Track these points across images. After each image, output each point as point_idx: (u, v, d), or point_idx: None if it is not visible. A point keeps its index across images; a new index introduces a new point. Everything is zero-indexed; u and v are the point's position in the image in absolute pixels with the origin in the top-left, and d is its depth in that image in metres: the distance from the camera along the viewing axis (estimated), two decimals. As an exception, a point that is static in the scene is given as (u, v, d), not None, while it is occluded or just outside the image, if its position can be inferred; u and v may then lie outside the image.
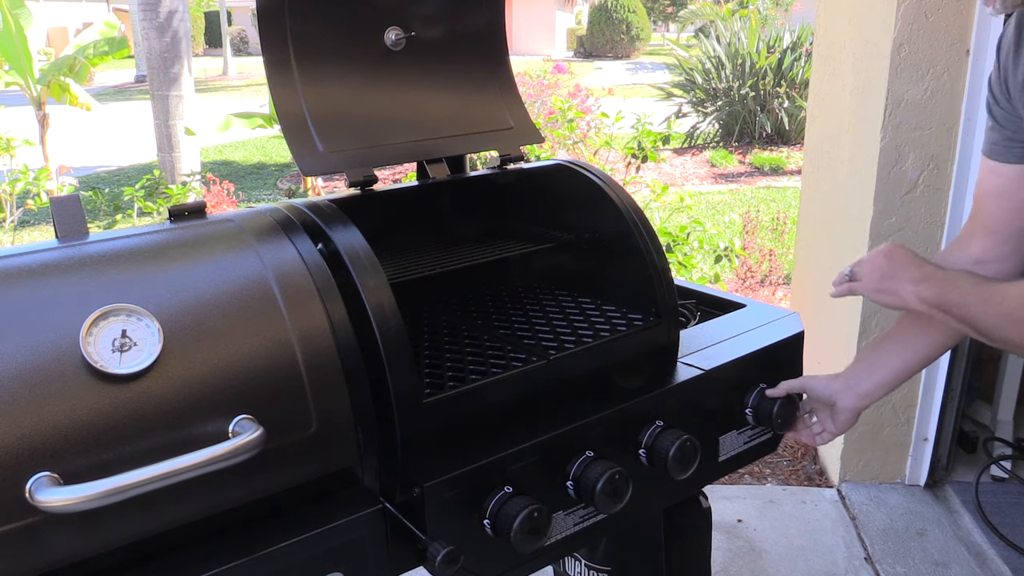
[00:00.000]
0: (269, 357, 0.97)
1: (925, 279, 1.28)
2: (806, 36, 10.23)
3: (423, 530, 1.03)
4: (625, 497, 1.18)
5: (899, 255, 1.33)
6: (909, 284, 1.29)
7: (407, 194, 1.56)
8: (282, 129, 1.36)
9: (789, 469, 3.16)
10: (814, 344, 1.71)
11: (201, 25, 32.42)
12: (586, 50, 29.04)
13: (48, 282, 0.93)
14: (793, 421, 1.47)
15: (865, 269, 1.36)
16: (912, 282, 1.29)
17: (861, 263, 1.38)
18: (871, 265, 1.35)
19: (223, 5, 27.68)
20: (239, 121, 8.97)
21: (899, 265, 1.32)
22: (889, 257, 1.34)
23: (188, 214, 1.13)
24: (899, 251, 1.34)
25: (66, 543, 0.85)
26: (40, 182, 7.20)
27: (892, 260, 1.33)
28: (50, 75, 9.15)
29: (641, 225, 1.37)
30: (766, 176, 9.11)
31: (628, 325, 1.37)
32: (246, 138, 12.74)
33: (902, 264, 1.32)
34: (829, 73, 3.23)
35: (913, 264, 1.32)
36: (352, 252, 1.09)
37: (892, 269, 1.32)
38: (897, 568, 2.53)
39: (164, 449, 0.88)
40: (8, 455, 0.81)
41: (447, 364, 1.27)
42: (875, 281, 1.34)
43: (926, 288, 1.27)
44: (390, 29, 1.46)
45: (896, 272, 1.32)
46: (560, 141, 7.20)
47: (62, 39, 23.70)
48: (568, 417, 1.20)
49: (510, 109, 1.63)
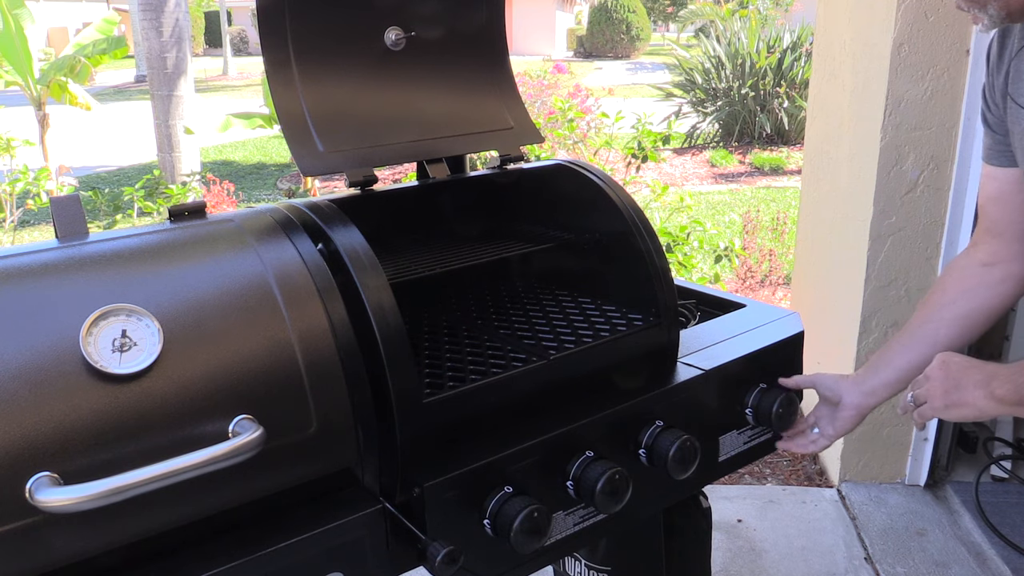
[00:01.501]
0: (269, 357, 0.97)
1: (993, 378, 1.23)
2: (806, 36, 10.23)
3: (423, 530, 1.03)
4: (625, 497, 1.18)
5: (955, 364, 1.28)
6: (978, 390, 1.23)
7: (407, 194, 1.56)
8: (282, 129, 1.36)
9: (789, 469, 3.16)
10: (814, 344, 1.71)
11: (201, 25, 32.43)
12: (586, 50, 29.05)
13: (48, 282, 0.93)
14: (793, 421, 1.47)
15: (927, 390, 1.30)
16: (980, 386, 1.23)
17: (919, 384, 1.32)
18: (932, 384, 1.29)
19: (223, 5, 27.68)
20: (239, 121, 8.98)
21: (960, 374, 1.27)
22: (946, 368, 1.28)
23: (188, 214, 1.13)
24: (953, 360, 1.29)
25: (66, 543, 0.85)
26: (40, 182, 7.20)
27: (949, 371, 1.28)
28: (50, 75, 9.15)
29: (641, 225, 1.37)
30: (766, 176, 9.11)
31: (628, 325, 1.37)
32: (246, 138, 12.74)
33: (963, 371, 1.27)
34: (829, 73, 3.23)
35: (974, 367, 1.27)
36: (352, 252, 1.09)
37: (954, 381, 1.26)
38: (897, 568, 2.53)
39: (164, 449, 0.88)
40: (8, 455, 0.81)
41: (447, 364, 1.27)
42: (941, 398, 1.27)
43: (998, 386, 1.21)
44: (390, 29, 1.46)
45: (960, 382, 1.26)
46: (560, 141, 7.20)
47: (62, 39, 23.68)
48: (568, 417, 1.20)
49: (510, 109, 1.63)
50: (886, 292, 2.72)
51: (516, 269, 1.68)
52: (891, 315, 2.73)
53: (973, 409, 1.24)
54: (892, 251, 2.68)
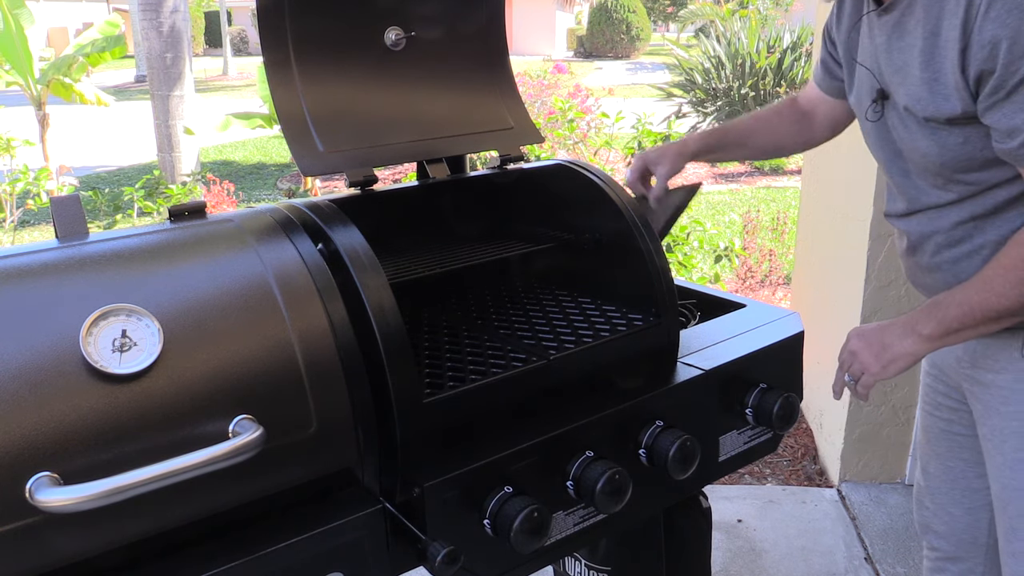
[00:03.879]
0: (269, 357, 0.97)
1: (915, 323, 1.30)
2: (806, 36, 10.23)
3: (423, 530, 1.03)
4: (625, 497, 1.18)
5: (869, 330, 1.37)
6: (906, 339, 1.31)
7: (407, 194, 1.56)
8: (282, 129, 1.36)
9: (789, 469, 3.16)
10: (814, 344, 1.72)
11: (201, 25, 32.44)
12: (586, 50, 29.06)
13: (48, 282, 0.93)
14: (793, 421, 1.47)
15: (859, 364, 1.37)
16: (906, 335, 1.31)
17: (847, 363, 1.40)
18: (860, 356, 1.37)
19: (223, 5, 27.69)
20: (239, 121, 8.98)
21: (880, 334, 1.35)
22: (864, 337, 1.37)
23: (188, 214, 1.13)
24: (866, 328, 1.38)
25: (66, 543, 0.85)
26: (40, 182, 7.20)
27: (869, 338, 1.36)
28: (50, 75, 9.15)
29: (641, 225, 1.38)
30: (766, 176, 9.11)
31: (628, 325, 1.37)
32: (246, 138, 12.74)
33: (881, 331, 1.35)
34: (829, 73, 3.22)
35: (888, 325, 1.35)
36: (352, 252, 1.09)
37: (878, 343, 1.34)
38: (897, 568, 2.53)
39: (164, 449, 0.88)
40: (8, 455, 0.81)
41: (447, 364, 1.27)
42: (875, 362, 1.34)
43: (923, 327, 1.29)
44: (390, 29, 1.46)
45: (884, 341, 1.34)
46: (560, 141, 7.20)
47: (62, 39, 23.69)
48: (568, 417, 1.20)
49: (510, 109, 1.63)
50: (886, 292, 2.72)
51: (516, 269, 1.68)
52: (891, 315, 2.73)
53: (909, 357, 1.32)
54: (892, 251, 2.67)
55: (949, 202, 1.32)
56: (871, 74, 1.37)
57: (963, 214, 1.31)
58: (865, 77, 1.40)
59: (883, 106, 1.36)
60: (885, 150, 1.41)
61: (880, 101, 1.36)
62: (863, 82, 1.41)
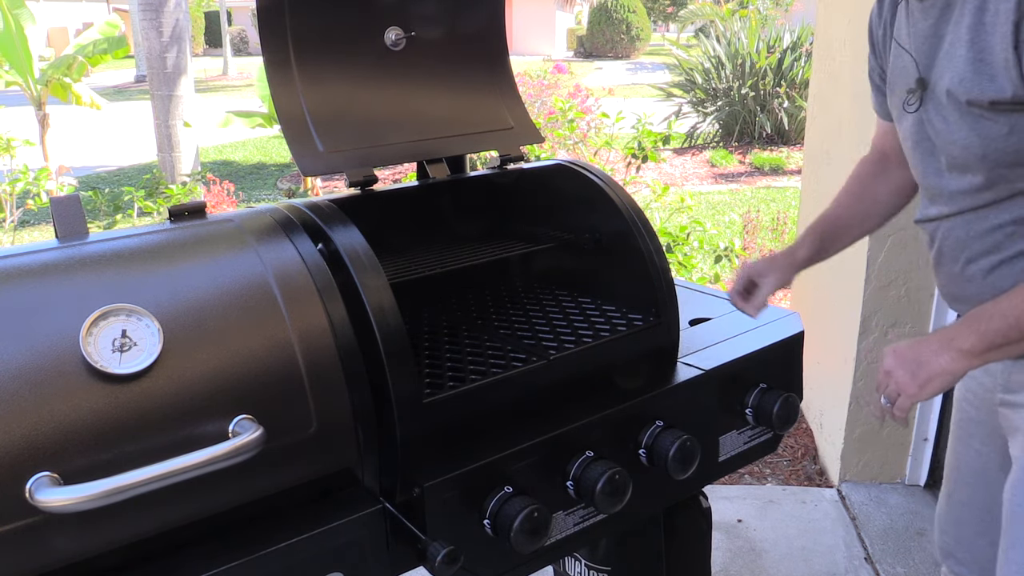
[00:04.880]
0: (269, 357, 0.97)
1: (952, 338, 1.21)
2: (806, 36, 10.23)
3: (423, 530, 1.03)
4: (625, 497, 1.18)
5: (903, 347, 1.27)
6: (943, 355, 1.21)
7: (407, 194, 1.56)
8: (282, 129, 1.36)
9: (789, 469, 3.16)
10: (814, 344, 1.71)
11: (201, 25, 32.43)
12: (586, 50, 29.05)
13: (48, 282, 0.93)
14: (793, 421, 1.47)
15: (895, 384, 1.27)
16: (943, 351, 1.21)
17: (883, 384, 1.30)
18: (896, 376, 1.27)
19: (223, 5, 27.68)
20: (239, 119, 8.98)
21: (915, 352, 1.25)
22: (898, 356, 1.27)
23: (188, 214, 1.13)
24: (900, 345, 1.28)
25: (66, 543, 0.85)
26: (40, 182, 7.19)
27: (903, 356, 1.26)
28: (49, 75, 9.15)
29: (641, 225, 1.38)
30: (766, 176, 9.11)
31: (628, 325, 1.37)
32: (246, 138, 12.74)
33: (916, 348, 1.25)
34: (829, 73, 3.23)
35: (924, 340, 1.25)
36: (352, 252, 1.09)
37: (914, 361, 1.24)
38: (897, 568, 2.53)
39: (164, 449, 0.88)
40: (8, 455, 0.81)
41: (447, 364, 1.27)
42: (911, 382, 1.24)
43: (962, 342, 1.19)
44: (390, 29, 1.46)
45: (920, 359, 1.24)
46: (560, 141, 7.20)
47: (62, 39, 23.71)
48: (568, 417, 1.20)
49: (510, 109, 1.63)
50: (886, 292, 2.72)
51: (516, 269, 1.68)
52: (891, 315, 2.73)
53: (946, 375, 1.22)
54: (892, 251, 2.67)
55: (986, 204, 1.23)
56: (913, 61, 1.29)
57: (1002, 217, 1.22)
58: (903, 69, 1.33)
59: (921, 97, 1.28)
60: (920, 148, 1.33)
61: (919, 91, 1.28)
62: (902, 72, 1.34)
